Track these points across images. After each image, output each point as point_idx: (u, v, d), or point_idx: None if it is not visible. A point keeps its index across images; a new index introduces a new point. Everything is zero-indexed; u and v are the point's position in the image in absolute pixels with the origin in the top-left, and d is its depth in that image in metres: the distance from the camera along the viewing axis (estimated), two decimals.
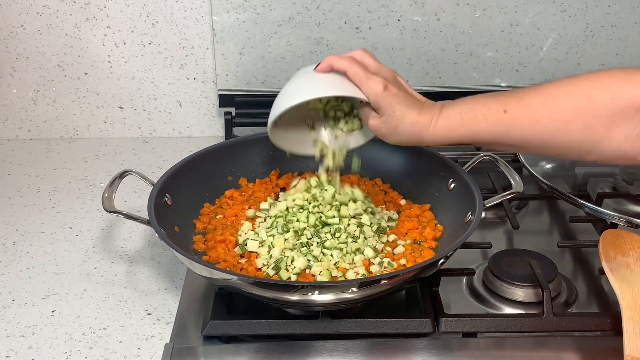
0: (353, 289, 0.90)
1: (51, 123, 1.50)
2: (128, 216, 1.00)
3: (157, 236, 0.96)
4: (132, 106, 1.49)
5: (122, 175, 1.07)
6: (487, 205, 1.03)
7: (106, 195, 1.02)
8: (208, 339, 0.94)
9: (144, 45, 1.43)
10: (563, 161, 1.28)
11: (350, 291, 0.90)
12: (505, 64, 1.45)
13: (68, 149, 1.47)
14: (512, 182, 1.06)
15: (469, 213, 1.02)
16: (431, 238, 1.06)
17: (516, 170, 1.11)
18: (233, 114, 1.43)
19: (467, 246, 1.04)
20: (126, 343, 0.96)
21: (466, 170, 1.10)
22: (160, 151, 1.47)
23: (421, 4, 1.39)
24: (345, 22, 1.40)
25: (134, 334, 0.97)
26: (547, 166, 1.29)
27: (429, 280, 0.99)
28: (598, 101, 0.83)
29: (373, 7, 1.39)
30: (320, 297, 0.90)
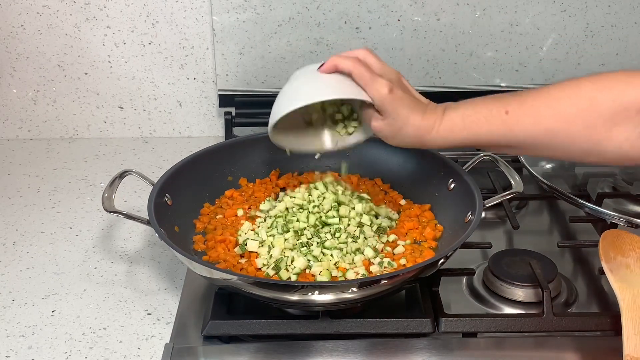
0: (353, 289, 0.90)
1: (51, 123, 1.50)
2: (128, 216, 1.00)
3: (157, 236, 0.96)
4: (132, 106, 1.49)
5: (122, 175, 1.07)
6: (487, 205, 1.02)
7: (106, 195, 1.02)
8: (208, 339, 0.94)
9: (144, 45, 1.43)
10: (563, 161, 1.28)
11: (350, 291, 0.90)
12: (505, 64, 1.45)
13: (68, 149, 1.47)
14: (512, 182, 1.06)
15: (469, 213, 1.02)
16: (431, 238, 1.06)
17: (516, 170, 1.11)
18: (233, 114, 1.43)
19: (467, 246, 1.04)
20: (126, 343, 0.96)
21: (466, 170, 1.10)
22: (160, 151, 1.47)
23: (421, 4, 1.39)
24: (345, 22, 1.40)
25: (134, 334, 0.97)
26: (547, 166, 1.29)
27: (429, 280, 0.99)
28: (600, 103, 0.84)
29: (373, 7, 1.39)
30: (320, 297, 0.89)
